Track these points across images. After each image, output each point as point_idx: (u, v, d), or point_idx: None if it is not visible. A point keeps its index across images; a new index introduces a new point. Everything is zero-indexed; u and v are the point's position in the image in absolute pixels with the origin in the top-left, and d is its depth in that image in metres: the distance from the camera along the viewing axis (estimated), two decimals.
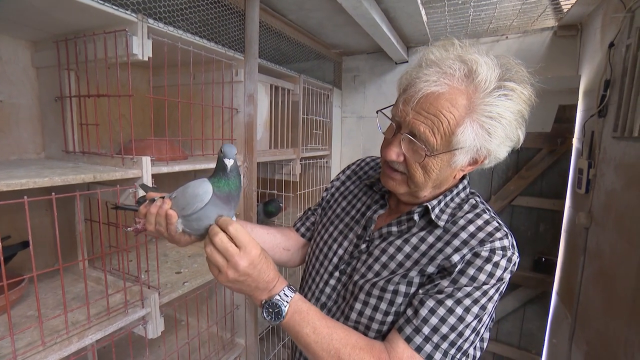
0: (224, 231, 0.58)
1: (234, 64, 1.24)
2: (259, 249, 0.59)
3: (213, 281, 1.20)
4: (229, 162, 0.59)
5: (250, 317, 1.38)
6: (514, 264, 0.63)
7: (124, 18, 0.84)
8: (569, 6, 1.49)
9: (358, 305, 0.69)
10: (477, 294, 0.60)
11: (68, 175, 0.76)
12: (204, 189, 0.59)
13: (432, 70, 0.61)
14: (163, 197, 0.64)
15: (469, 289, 0.60)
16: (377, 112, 0.73)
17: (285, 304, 0.60)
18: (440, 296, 0.61)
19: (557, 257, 1.79)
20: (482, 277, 0.60)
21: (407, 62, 2.08)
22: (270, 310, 0.60)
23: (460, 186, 0.72)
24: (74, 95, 0.99)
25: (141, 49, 0.87)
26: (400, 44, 1.79)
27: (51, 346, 0.75)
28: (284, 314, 0.60)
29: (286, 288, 0.61)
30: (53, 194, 0.72)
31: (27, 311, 0.89)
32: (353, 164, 0.94)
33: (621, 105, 1.13)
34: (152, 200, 0.64)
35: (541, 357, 1.86)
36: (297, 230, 0.94)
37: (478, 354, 0.66)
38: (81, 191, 0.81)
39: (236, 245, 0.57)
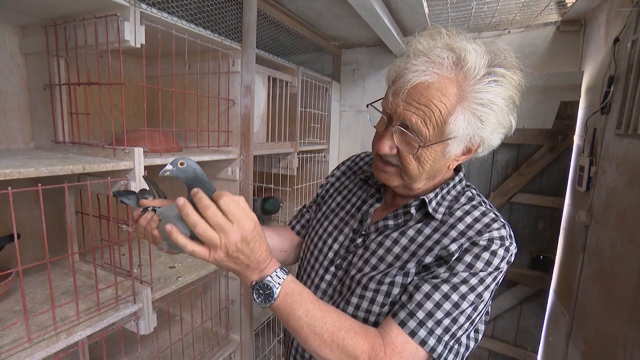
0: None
1: (231, 53, 1.20)
2: (252, 224, 0.54)
3: (208, 276, 1.18)
4: (168, 168, 0.54)
5: (245, 313, 1.36)
6: (512, 255, 0.63)
7: (115, 2, 0.80)
8: (573, 0, 1.46)
9: (355, 300, 0.68)
10: (474, 280, 0.59)
11: (56, 166, 0.73)
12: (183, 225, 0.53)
13: (421, 60, 0.60)
14: (154, 210, 0.60)
15: (465, 274, 0.60)
16: (367, 106, 0.72)
17: (277, 285, 0.57)
18: (435, 281, 0.60)
19: (555, 254, 1.78)
20: (480, 264, 0.60)
21: None
22: (261, 291, 0.57)
23: (457, 179, 0.72)
24: (63, 83, 0.96)
25: (133, 35, 0.83)
26: (401, 37, 1.75)
27: (38, 342, 0.72)
28: (275, 295, 0.57)
29: (278, 269, 0.58)
30: (39, 185, 0.69)
31: (14, 306, 0.86)
32: (347, 159, 0.94)
33: (625, 102, 1.11)
34: (145, 210, 0.60)
35: (537, 354, 1.87)
36: (293, 228, 0.93)
37: (472, 344, 0.65)
38: (71, 182, 0.78)
39: (229, 220, 0.52)
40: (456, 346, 0.61)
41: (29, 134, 1.06)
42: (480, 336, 0.67)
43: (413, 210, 0.68)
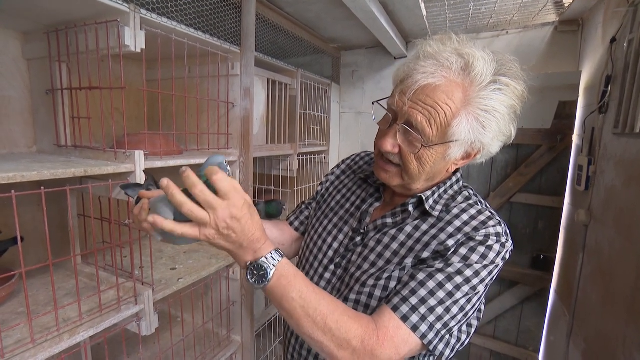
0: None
1: (230, 57, 1.21)
2: (242, 201, 0.53)
3: (209, 277, 1.19)
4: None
5: (246, 314, 1.36)
6: (507, 251, 0.64)
7: (116, 8, 0.81)
8: (571, 1, 1.47)
9: (353, 296, 0.69)
10: (469, 272, 0.60)
11: (58, 170, 0.74)
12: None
13: (430, 62, 0.62)
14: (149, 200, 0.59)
15: (460, 265, 0.61)
16: (373, 104, 0.74)
17: (271, 266, 0.56)
18: (430, 270, 0.61)
19: (555, 254, 1.78)
20: (475, 257, 0.61)
21: (407, 57, 2.06)
22: (255, 272, 0.57)
23: (454, 179, 0.74)
24: (65, 88, 0.97)
25: (133, 40, 0.84)
26: (399, 39, 1.77)
27: (41, 343, 0.73)
28: (269, 277, 0.56)
29: (274, 251, 0.58)
30: (42, 188, 0.70)
31: (18, 308, 0.87)
32: (347, 158, 0.95)
33: (622, 101, 1.12)
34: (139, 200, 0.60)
35: (539, 354, 1.86)
36: (291, 224, 0.95)
37: (464, 337, 0.66)
38: (73, 185, 0.79)
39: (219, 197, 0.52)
40: (447, 336, 0.62)
41: (31, 137, 1.07)
42: (472, 330, 0.68)
43: (411, 208, 0.70)
